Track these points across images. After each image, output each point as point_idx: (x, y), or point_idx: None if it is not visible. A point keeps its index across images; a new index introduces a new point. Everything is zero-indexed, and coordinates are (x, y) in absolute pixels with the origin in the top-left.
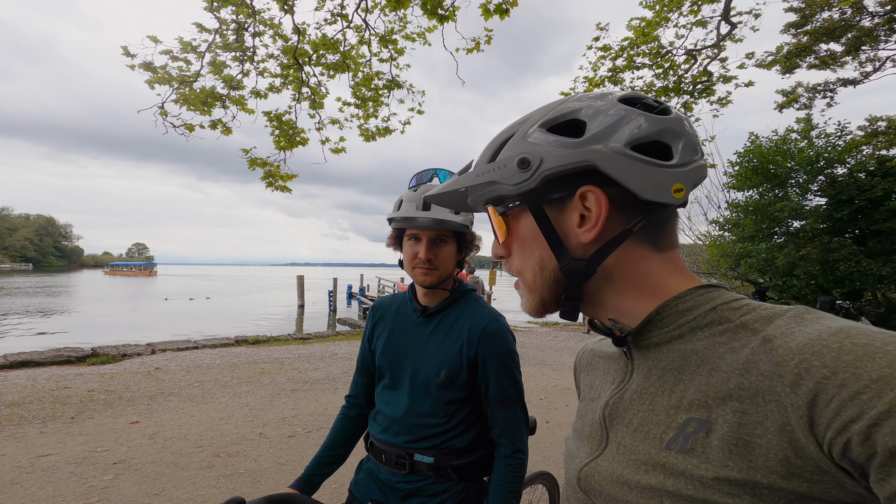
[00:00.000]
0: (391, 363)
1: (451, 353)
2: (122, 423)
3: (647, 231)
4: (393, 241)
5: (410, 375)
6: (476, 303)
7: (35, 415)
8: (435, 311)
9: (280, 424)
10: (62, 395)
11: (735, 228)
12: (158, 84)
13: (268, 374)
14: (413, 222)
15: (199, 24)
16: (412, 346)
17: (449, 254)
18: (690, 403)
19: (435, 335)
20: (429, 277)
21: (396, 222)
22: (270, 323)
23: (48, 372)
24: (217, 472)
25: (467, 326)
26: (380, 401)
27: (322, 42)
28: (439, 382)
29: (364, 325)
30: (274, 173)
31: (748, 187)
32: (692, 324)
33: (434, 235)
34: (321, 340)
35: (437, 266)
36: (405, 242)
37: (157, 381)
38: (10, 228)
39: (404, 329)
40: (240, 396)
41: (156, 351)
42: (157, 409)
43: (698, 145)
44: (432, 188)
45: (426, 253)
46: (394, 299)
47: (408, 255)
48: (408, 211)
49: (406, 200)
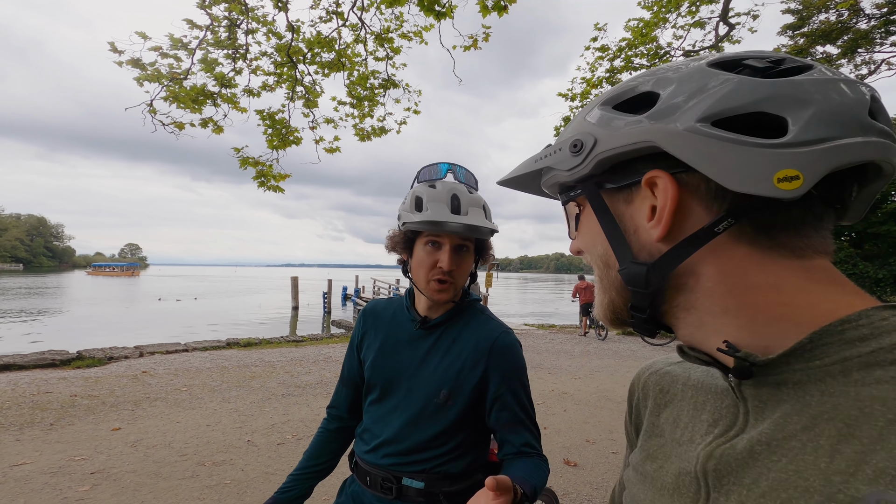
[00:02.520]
0: (383, 378)
1: (453, 371)
2: (104, 430)
3: (764, 230)
4: (400, 244)
5: (405, 394)
6: (482, 314)
7: (12, 421)
8: (436, 324)
9: (269, 431)
10: (43, 400)
11: None
12: (148, 82)
13: (259, 377)
14: (442, 227)
15: (189, 20)
16: (408, 362)
17: (469, 264)
18: (878, 473)
19: (435, 350)
20: (445, 293)
21: (416, 225)
22: (264, 325)
23: (31, 376)
24: (201, 482)
25: (473, 341)
26: (368, 417)
27: (317, 40)
28: (438, 403)
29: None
30: (266, 173)
31: None
32: (868, 359)
33: (459, 243)
34: (315, 343)
35: (456, 278)
36: (420, 247)
37: (144, 385)
38: (1, 228)
39: (399, 341)
40: (228, 401)
41: (144, 354)
42: (141, 414)
43: (853, 116)
44: (453, 186)
45: (449, 262)
46: (388, 305)
47: (424, 264)
48: (437, 213)
49: (431, 200)
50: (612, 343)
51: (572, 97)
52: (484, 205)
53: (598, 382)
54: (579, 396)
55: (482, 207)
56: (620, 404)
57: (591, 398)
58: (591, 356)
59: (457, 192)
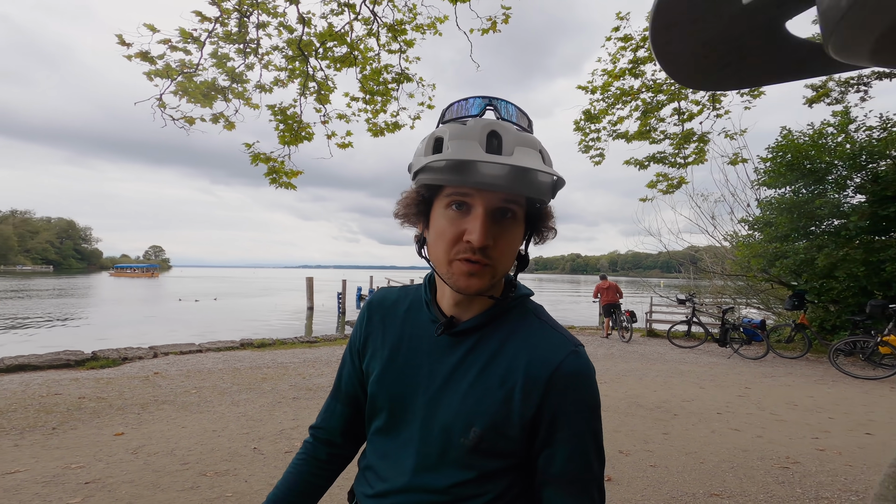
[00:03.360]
0: (391, 400)
1: (490, 401)
2: (106, 435)
3: None
4: (412, 208)
5: (421, 426)
6: (537, 319)
7: (15, 425)
8: (468, 329)
9: (277, 438)
10: (50, 402)
11: (767, 227)
12: (158, 77)
13: (270, 379)
14: (472, 170)
15: (198, 11)
16: (427, 378)
17: (515, 238)
18: None
19: (466, 368)
20: (478, 280)
21: (430, 175)
22: (279, 325)
23: (43, 377)
24: (201, 494)
25: (524, 361)
26: (372, 450)
27: (328, 33)
28: (468, 446)
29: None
30: (278, 170)
31: (781, 184)
32: None
33: (499, 205)
34: (328, 344)
35: (495, 259)
36: (440, 213)
37: (154, 386)
38: (32, 231)
39: (416, 348)
40: (237, 405)
41: (158, 354)
42: (147, 418)
43: None
44: (492, 122)
45: (483, 232)
46: (402, 297)
47: (444, 236)
48: (467, 151)
49: (456, 137)
50: (637, 345)
51: (592, 90)
52: (541, 149)
53: (626, 387)
54: (607, 403)
55: (538, 151)
56: (653, 411)
57: (620, 405)
58: (615, 359)
59: (497, 129)
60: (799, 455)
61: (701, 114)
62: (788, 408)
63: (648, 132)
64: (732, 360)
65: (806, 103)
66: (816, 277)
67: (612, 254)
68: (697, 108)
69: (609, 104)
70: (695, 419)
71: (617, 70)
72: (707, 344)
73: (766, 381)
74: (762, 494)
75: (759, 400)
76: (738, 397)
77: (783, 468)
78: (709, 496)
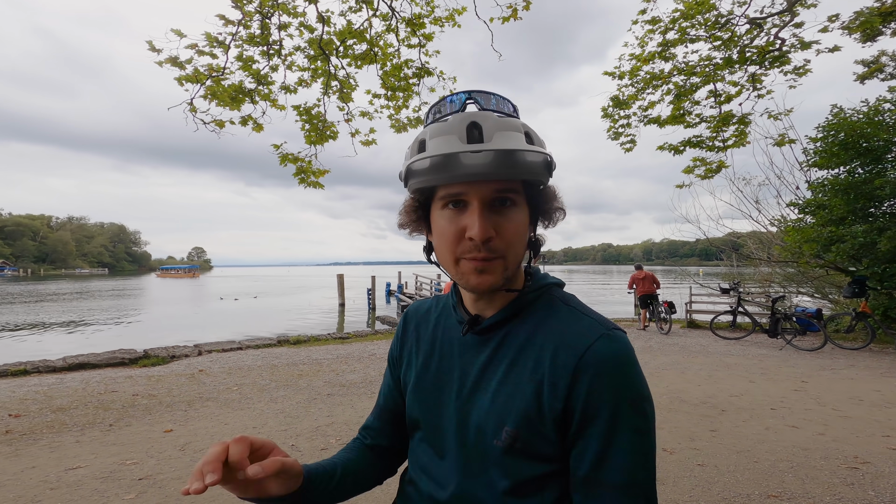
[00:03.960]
0: (427, 406)
1: (521, 397)
2: (157, 432)
3: None
4: (411, 216)
5: (457, 429)
6: (565, 305)
7: (76, 421)
8: (493, 325)
9: (314, 435)
10: (108, 399)
11: (820, 210)
12: (189, 83)
13: (305, 376)
14: (455, 164)
15: (221, 15)
16: (459, 381)
17: (520, 225)
18: None
19: (494, 365)
20: (489, 275)
21: (419, 178)
22: (313, 321)
23: (101, 374)
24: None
25: (551, 349)
26: (415, 464)
27: (347, 31)
28: (501, 447)
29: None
30: (306, 169)
31: (835, 164)
32: None
33: (494, 195)
34: (360, 340)
35: (502, 250)
36: (438, 214)
37: (199, 384)
38: (88, 236)
39: (448, 352)
40: (276, 402)
41: (202, 352)
42: (193, 415)
43: None
44: (472, 114)
45: (483, 227)
46: (435, 305)
47: (446, 236)
48: (446, 145)
49: (436, 135)
50: (676, 337)
51: (620, 75)
52: (527, 131)
53: (666, 382)
54: None
55: (523, 133)
56: (698, 407)
57: (662, 400)
58: (654, 352)
59: (477, 119)
60: (868, 454)
61: (739, 95)
62: (853, 403)
63: (682, 116)
64: (785, 352)
65: (857, 80)
66: (879, 262)
67: (645, 242)
68: (735, 90)
69: (639, 89)
70: (745, 415)
71: (646, 54)
72: (755, 335)
73: (825, 374)
74: (829, 497)
75: (818, 394)
76: (795, 392)
77: (851, 469)
78: (766, 498)
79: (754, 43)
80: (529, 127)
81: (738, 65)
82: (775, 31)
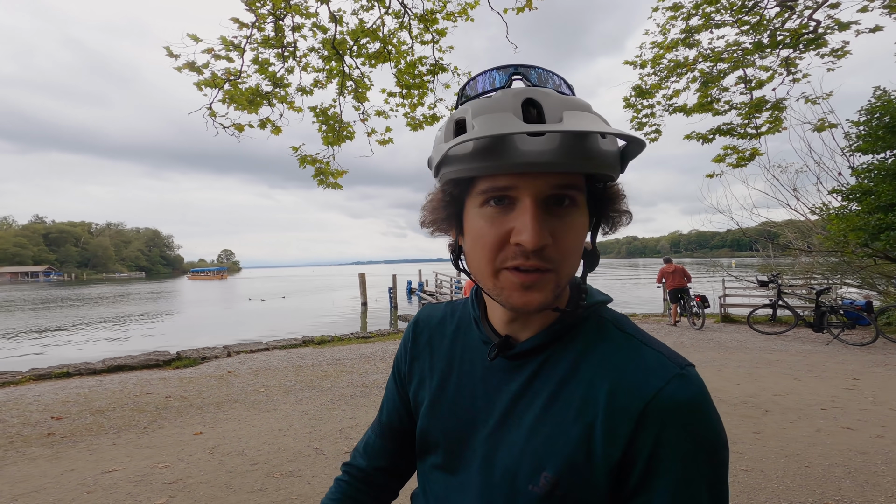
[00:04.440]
0: (444, 433)
1: (565, 439)
2: (188, 435)
3: None
4: (439, 213)
5: (481, 465)
6: (622, 333)
7: (113, 423)
8: (529, 350)
9: (337, 437)
10: (142, 401)
11: (867, 197)
12: (207, 87)
13: (329, 377)
14: (512, 151)
15: (235, 18)
16: (484, 410)
17: (580, 231)
18: None
19: (530, 397)
20: (538, 293)
21: (456, 166)
22: (336, 320)
23: (137, 376)
24: (269, 497)
25: (606, 387)
26: (429, 493)
27: (360, 29)
28: (539, 494)
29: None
30: (324, 170)
31: (881, 148)
32: None
33: (553, 188)
34: (382, 339)
35: (556, 262)
36: (474, 213)
37: (228, 385)
38: (125, 241)
39: (469, 373)
40: (301, 403)
41: (231, 353)
42: (222, 417)
43: None
44: (524, 90)
45: (536, 232)
46: (449, 313)
47: (485, 241)
48: (499, 124)
49: (482, 112)
50: (710, 332)
51: (641, 64)
52: (600, 116)
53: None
54: None
55: (596, 115)
56: (738, 407)
57: None
58: (687, 348)
59: (534, 96)
60: None
61: (772, 80)
62: None
63: (710, 104)
64: (832, 348)
65: None
66: None
67: (673, 234)
68: (767, 75)
69: (662, 77)
70: (792, 416)
71: (668, 41)
72: (797, 329)
73: (878, 370)
74: None
75: (873, 393)
76: (846, 390)
77: None
78: None
79: (786, 26)
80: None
81: (770, 49)
82: (809, 13)
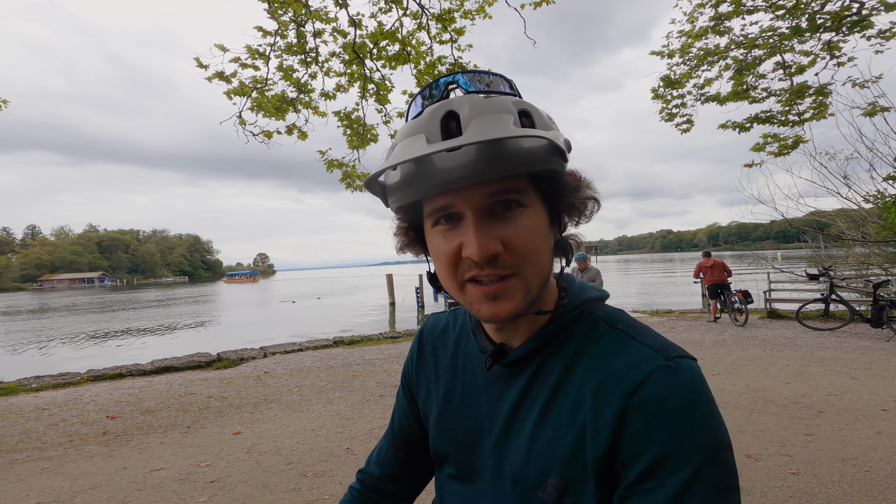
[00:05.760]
0: (454, 445)
1: (563, 444)
2: (227, 434)
3: None
4: (404, 238)
5: (492, 474)
6: (610, 328)
7: (161, 423)
8: (522, 357)
9: (367, 437)
10: (187, 401)
11: None
12: (237, 96)
13: (359, 377)
14: (430, 172)
15: (259, 26)
16: (489, 420)
17: (533, 229)
18: None
19: (529, 403)
20: (504, 302)
21: (393, 193)
22: (366, 320)
23: (182, 377)
24: (302, 496)
25: (593, 385)
26: (449, 500)
27: (379, 32)
28: (548, 501)
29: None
30: (351, 174)
31: None
32: None
33: (489, 197)
34: (410, 338)
35: (516, 266)
36: (431, 233)
37: (264, 385)
38: (170, 247)
39: (471, 383)
40: (332, 403)
41: (267, 354)
42: (259, 417)
43: None
44: (449, 101)
45: (480, 243)
46: (452, 322)
47: (442, 258)
48: (411, 148)
49: (403, 136)
50: (755, 329)
51: (669, 54)
52: (523, 109)
53: (746, 379)
54: (724, 398)
55: (514, 113)
56: (787, 408)
57: (742, 400)
58: (729, 346)
59: (454, 107)
60: None
61: (814, 65)
62: None
63: (746, 91)
64: (893, 344)
65: None
66: None
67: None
68: (808, 60)
69: (692, 67)
70: (849, 417)
71: (696, 30)
72: (853, 325)
73: None
74: None
75: None
76: None
77: None
78: None
79: (826, 9)
80: (529, 104)
81: (809, 33)
82: None
